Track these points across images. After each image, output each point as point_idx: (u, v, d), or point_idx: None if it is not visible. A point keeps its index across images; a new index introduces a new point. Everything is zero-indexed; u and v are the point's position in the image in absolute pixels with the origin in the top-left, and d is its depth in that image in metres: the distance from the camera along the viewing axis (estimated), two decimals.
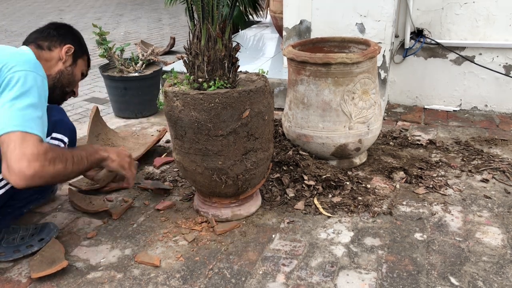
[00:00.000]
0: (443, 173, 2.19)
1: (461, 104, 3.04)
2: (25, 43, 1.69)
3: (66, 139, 1.58)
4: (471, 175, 2.17)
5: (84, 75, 1.88)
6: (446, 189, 2.05)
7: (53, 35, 1.72)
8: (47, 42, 1.70)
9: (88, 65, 1.90)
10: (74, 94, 1.86)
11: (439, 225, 1.80)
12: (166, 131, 2.52)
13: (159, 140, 2.49)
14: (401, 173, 2.16)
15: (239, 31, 5.09)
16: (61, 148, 1.45)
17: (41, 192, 1.63)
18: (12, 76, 1.38)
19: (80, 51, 1.80)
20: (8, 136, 1.31)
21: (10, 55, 1.45)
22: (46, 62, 1.66)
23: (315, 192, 2.00)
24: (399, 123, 2.85)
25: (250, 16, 5.19)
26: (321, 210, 1.89)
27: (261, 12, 5.17)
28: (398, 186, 2.08)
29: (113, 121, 2.99)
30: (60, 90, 1.75)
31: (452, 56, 2.95)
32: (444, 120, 2.88)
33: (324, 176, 2.04)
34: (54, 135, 1.54)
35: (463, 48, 2.92)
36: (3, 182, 1.48)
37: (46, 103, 1.46)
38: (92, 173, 1.77)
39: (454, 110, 3.03)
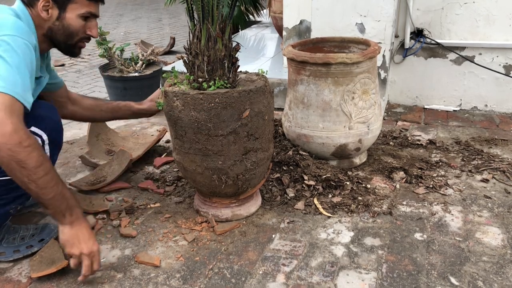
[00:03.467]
0: (443, 173, 2.19)
1: (461, 104, 3.04)
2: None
3: (45, 136, 1.44)
4: (471, 175, 2.17)
5: (89, 16, 1.59)
6: (446, 189, 2.05)
7: None
8: None
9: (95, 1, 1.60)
10: (87, 39, 1.65)
11: (439, 225, 1.80)
12: (166, 131, 2.52)
13: (159, 140, 2.49)
14: (401, 173, 2.16)
15: (239, 31, 5.09)
16: (47, 156, 1.35)
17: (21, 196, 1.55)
18: None
19: None
20: None
21: None
22: (36, 19, 1.52)
23: (315, 192, 1.99)
24: (399, 123, 2.85)
25: (251, 16, 5.19)
26: (321, 210, 1.89)
27: (261, 12, 5.17)
28: (398, 186, 2.08)
29: (113, 121, 2.98)
30: (64, 46, 1.62)
31: (452, 56, 2.95)
32: (444, 120, 2.88)
33: (324, 176, 2.04)
34: (33, 129, 1.40)
35: (463, 48, 2.92)
36: None
37: (33, 67, 1.39)
38: None
39: (454, 110, 3.03)
